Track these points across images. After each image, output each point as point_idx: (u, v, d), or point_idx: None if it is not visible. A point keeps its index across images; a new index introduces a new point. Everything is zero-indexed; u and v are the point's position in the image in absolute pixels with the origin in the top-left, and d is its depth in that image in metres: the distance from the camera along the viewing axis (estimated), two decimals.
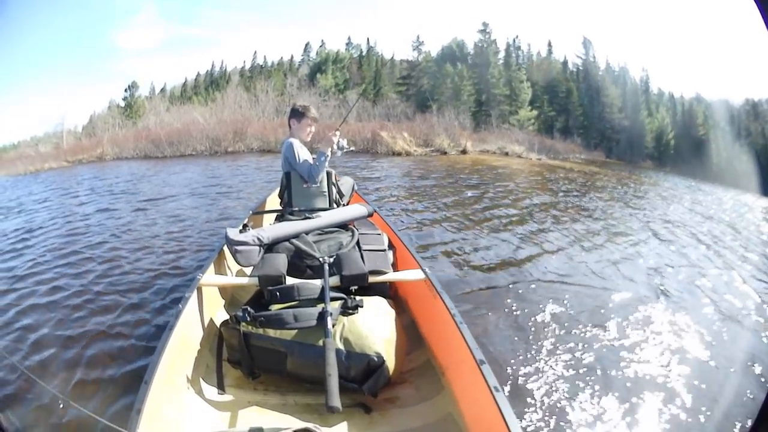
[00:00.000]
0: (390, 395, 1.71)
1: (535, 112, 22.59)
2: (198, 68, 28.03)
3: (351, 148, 2.95)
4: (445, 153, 15.73)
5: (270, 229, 2.29)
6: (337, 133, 2.83)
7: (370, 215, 2.77)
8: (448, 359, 1.72)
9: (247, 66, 26.53)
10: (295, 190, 2.78)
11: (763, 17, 0.97)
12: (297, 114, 2.89)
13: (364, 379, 1.59)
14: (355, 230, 2.41)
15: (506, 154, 17.39)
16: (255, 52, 27.06)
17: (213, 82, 25.48)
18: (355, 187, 3.40)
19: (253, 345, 1.69)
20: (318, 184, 2.78)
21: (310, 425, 1.40)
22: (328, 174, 2.83)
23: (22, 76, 31.22)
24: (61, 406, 2.01)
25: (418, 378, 1.80)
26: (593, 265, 4.09)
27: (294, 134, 2.91)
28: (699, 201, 11.41)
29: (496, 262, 3.99)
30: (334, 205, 2.80)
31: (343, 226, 2.53)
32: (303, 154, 2.78)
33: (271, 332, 1.68)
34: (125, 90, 24.55)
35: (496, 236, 4.90)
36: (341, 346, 1.59)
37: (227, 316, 1.98)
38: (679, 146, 23.19)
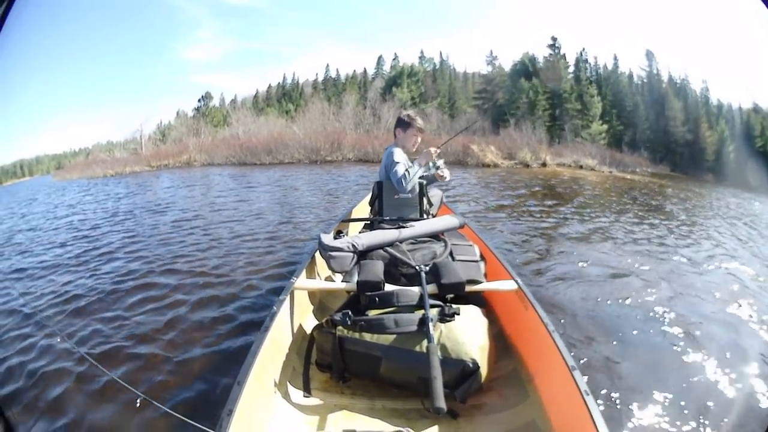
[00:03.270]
0: (477, 402, 1.83)
1: (605, 126, 25.06)
2: (267, 81, 31.26)
3: (445, 169, 3.12)
4: (528, 165, 18.32)
5: (364, 236, 2.45)
6: (438, 150, 3.00)
7: (461, 227, 2.90)
8: (536, 367, 1.87)
9: (320, 79, 29.66)
10: (386, 200, 2.94)
11: None
12: (403, 123, 3.06)
13: (457, 385, 1.72)
14: (447, 241, 2.57)
15: (580, 167, 19.88)
16: (327, 65, 30.24)
17: (285, 94, 28.56)
18: (444, 199, 3.57)
19: (347, 349, 1.83)
20: (409, 194, 2.93)
21: (401, 429, 1.53)
22: (420, 185, 2.96)
23: (85, 84, 35.01)
24: (137, 404, 2.12)
25: (504, 386, 1.93)
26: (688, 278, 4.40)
27: (399, 143, 3.09)
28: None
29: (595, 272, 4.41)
30: (424, 216, 2.94)
31: (435, 236, 2.67)
32: (401, 163, 2.90)
33: (367, 337, 1.82)
34: (198, 100, 27.98)
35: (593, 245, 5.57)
36: (438, 352, 1.70)
37: (315, 321, 2.19)
38: (739, 159, 24.50)
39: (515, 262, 4.13)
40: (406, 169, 2.86)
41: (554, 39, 26.45)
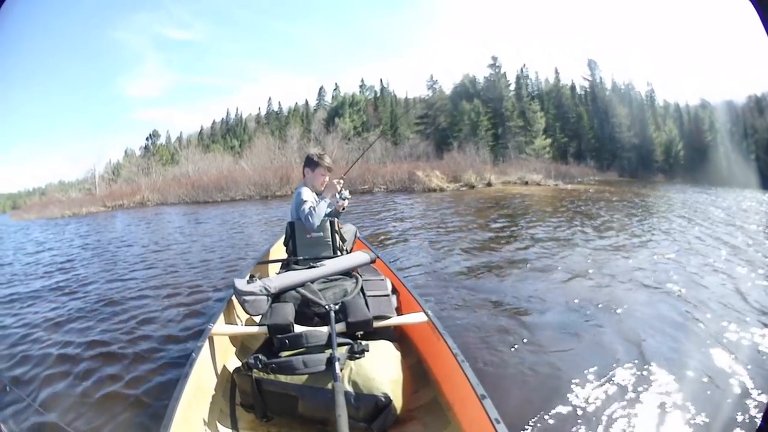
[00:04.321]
0: None
1: (549, 140, 26.08)
2: (211, 116, 31.74)
3: (350, 197, 3.28)
4: (473, 186, 18.88)
5: (276, 279, 2.54)
6: (341, 181, 3.12)
7: (373, 261, 2.98)
8: (454, 396, 1.94)
9: (263, 112, 30.13)
10: (299, 240, 3.03)
11: (758, 13, 1.23)
12: (311, 163, 3.14)
13: (374, 418, 1.82)
14: (359, 277, 2.63)
15: (526, 183, 20.57)
16: (269, 98, 30.81)
17: (229, 130, 28.80)
18: (358, 234, 3.67)
19: (266, 390, 1.92)
20: (321, 233, 3.02)
21: None
22: (331, 222, 3.05)
23: (34, 122, 35.05)
24: None
25: (425, 415, 2.02)
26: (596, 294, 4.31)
27: (307, 183, 3.16)
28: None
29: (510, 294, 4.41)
30: (338, 253, 3.04)
31: (347, 273, 2.76)
32: (309, 201, 2.99)
33: (282, 378, 1.89)
34: (147, 138, 28.22)
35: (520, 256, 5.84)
36: (350, 389, 1.80)
37: (239, 363, 2.22)
38: (688, 156, 26.04)
39: (427, 294, 4.26)
40: (312, 206, 2.93)
41: (495, 59, 27.69)
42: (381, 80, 30.49)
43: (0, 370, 3.19)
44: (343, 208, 3.29)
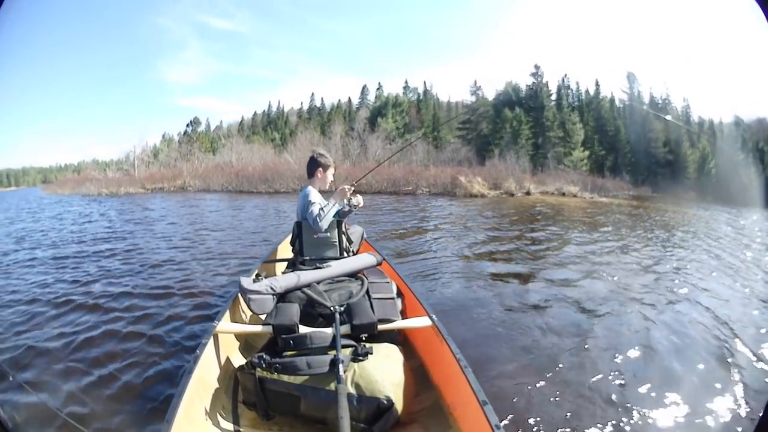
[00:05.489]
0: None
1: (587, 153, 26.77)
2: (251, 107, 33.10)
3: (360, 204, 3.30)
4: (513, 195, 19.83)
5: (282, 278, 2.57)
6: (352, 188, 3.12)
7: (379, 264, 3.03)
8: (455, 400, 1.99)
9: (305, 107, 31.34)
10: (306, 240, 3.05)
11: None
12: (321, 164, 3.19)
13: (375, 421, 1.87)
14: (365, 279, 2.67)
15: (563, 194, 21.45)
16: (312, 93, 31.86)
17: (270, 122, 29.99)
18: (365, 236, 3.74)
19: (268, 389, 1.98)
20: (328, 234, 3.03)
21: None
22: (339, 224, 3.07)
23: (71, 101, 37.32)
24: None
25: (426, 418, 2.06)
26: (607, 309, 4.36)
27: (314, 182, 3.21)
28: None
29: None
30: (345, 254, 3.06)
31: (353, 275, 2.80)
32: (316, 203, 3.00)
33: (285, 377, 1.96)
34: (187, 125, 29.64)
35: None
36: (353, 391, 1.86)
37: (242, 361, 2.31)
38: (720, 174, 26.06)
39: (431, 299, 4.34)
40: (321, 208, 2.94)
41: (537, 67, 28.47)
42: (425, 83, 31.52)
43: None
44: (357, 207, 3.36)
